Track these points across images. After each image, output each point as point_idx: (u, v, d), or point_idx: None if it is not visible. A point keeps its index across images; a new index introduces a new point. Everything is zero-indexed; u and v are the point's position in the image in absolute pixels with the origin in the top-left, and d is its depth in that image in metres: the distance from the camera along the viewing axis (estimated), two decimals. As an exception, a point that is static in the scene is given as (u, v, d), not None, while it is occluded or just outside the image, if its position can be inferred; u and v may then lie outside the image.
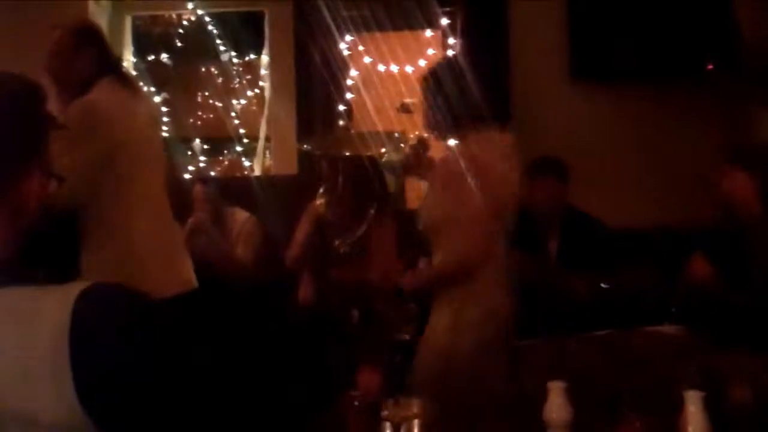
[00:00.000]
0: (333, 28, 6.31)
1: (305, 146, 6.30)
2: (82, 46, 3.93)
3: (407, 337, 3.92)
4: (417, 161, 4.16)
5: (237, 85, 7.62)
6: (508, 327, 3.69)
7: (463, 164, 3.62)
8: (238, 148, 7.43)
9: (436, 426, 3.02)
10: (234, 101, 7.61)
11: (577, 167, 5.32)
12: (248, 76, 7.67)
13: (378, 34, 6.59)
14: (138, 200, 3.91)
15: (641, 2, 6.14)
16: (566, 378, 2.85)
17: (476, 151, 3.65)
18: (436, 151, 4.17)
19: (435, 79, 3.84)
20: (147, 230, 3.91)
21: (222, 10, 7.09)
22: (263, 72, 7.22)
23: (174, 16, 7.68)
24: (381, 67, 6.41)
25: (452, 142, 3.80)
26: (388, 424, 2.86)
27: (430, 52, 6.59)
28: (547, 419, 2.83)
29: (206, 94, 7.97)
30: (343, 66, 6.60)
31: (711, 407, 2.63)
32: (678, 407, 2.65)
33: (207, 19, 7.15)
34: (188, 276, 4.17)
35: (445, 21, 6.56)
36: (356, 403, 3.02)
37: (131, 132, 3.90)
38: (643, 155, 6.33)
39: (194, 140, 7.61)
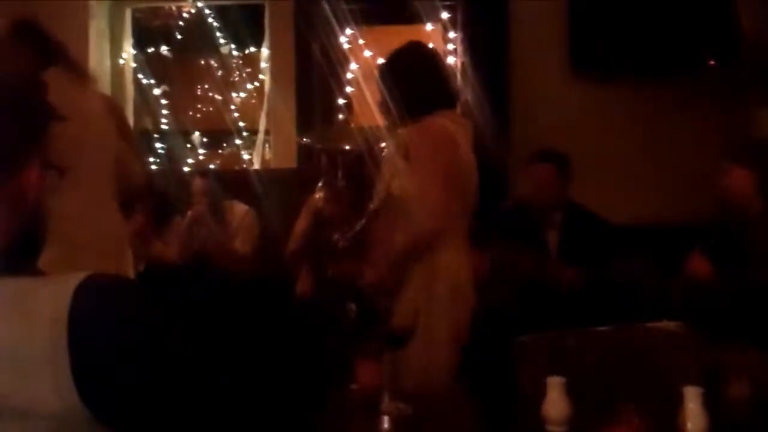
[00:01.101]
0: (333, 21, 6.31)
1: (305, 140, 6.30)
2: (14, 40, 3.92)
3: None
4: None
5: (237, 78, 7.60)
6: (471, 312, 3.67)
7: (425, 137, 3.60)
8: (238, 141, 7.41)
9: (429, 418, 3.02)
10: (234, 94, 7.58)
11: (577, 163, 5.32)
12: (248, 69, 7.65)
13: (378, 28, 6.58)
14: (79, 195, 3.87)
15: (642, -1, 6.15)
16: (565, 373, 2.85)
17: (440, 124, 3.62)
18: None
19: (389, 68, 3.82)
20: (86, 225, 3.87)
21: (222, 2, 7.09)
22: (263, 65, 7.21)
23: (174, 8, 7.66)
24: (381, 61, 6.40)
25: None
26: (386, 418, 2.86)
27: (431, 45, 6.59)
28: (546, 415, 2.82)
29: (206, 86, 7.94)
30: (343, 59, 6.60)
31: (710, 403, 2.63)
32: (677, 403, 2.65)
33: (207, 11, 7.14)
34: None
35: (445, 15, 6.55)
36: (354, 397, 3.02)
37: (75, 121, 3.85)
38: (643, 151, 6.33)
39: (194, 133, 7.60)
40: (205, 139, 7.67)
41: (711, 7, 6.03)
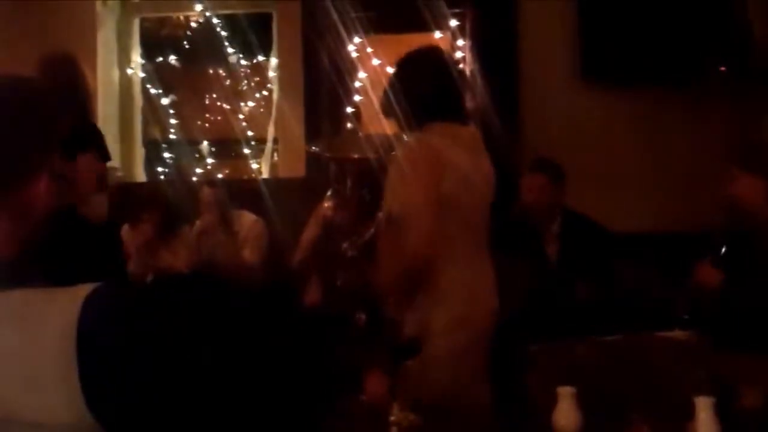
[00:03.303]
0: (341, 29, 6.30)
1: (313, 148, 6.29)
2: None
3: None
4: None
5: (245, 87, 7.62)
6: (484, 333, 3.60)
7: (409, 158, 3.49)
8: (246, 151, 7.43)
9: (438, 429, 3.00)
10: (242, 103, 7.61)
11: (585, 169, 5.32)
12: (256, 78, 7.67)
13: (386, 36, 6.58)
14: None
15: (652, 4, 6.12)
16: (575, 383, 2.84)
17: (426, 143, 3.50)
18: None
19: (402, 70, 3.76)
20: None
21: (230, 11, 7.10)
22: (271, 74, 7.21)
23: (182, 17, 7.69)
24: (390, 69, 6.39)
25: (412, 133, 3.70)
26: (394, 429, 2.85)
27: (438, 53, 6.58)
28: (556, 425, 2.81)
29: (214, 96, 7.97)
30: (351, 68, 6.60)
31: (722, 413, 2.61)
32: (688, 413, 2.63)
33: (215, 20, 7.16)
34: None
35: (454, 23, 6.54)
36: (362, 408, 3.01)
37: None
38: (652, 158, 6.31)
39: (202, 142, 7.61)
40: (213, 149, 7.69)
41: (721, 14, 6.02)
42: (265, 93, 7.53)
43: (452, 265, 3.47)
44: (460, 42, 6.57)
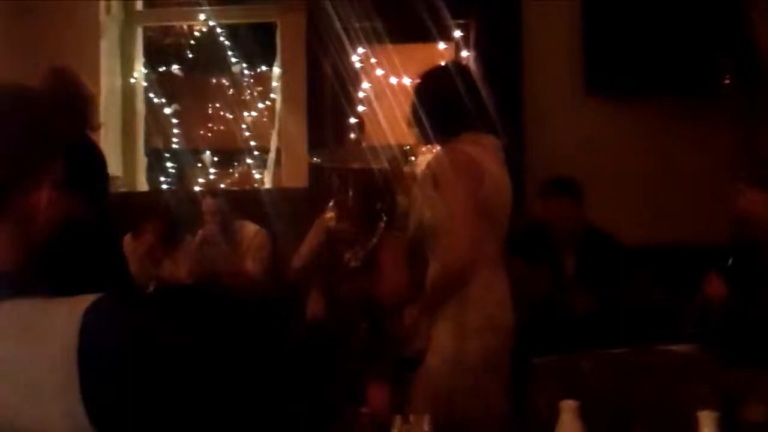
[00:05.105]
0: (345, 40, 6.30)
1: (316, 159, 6.29)
2: None
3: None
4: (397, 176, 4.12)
5: (248, 97, 7.61)
6: (509, 337, 3.63)
7: (449, 165, 3.55)
8: (249, 161, 7.42)
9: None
10: (245, 113, 7.59)
11: (591, 183, 5.30)
12: (259, 88, 7.66)
13: (390, 47, 6.57)
14: None
15: (657, 17, 6.11)
16: (579, 396, 2.82)
17: (464, 151, 3.58)
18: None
19: (423, 86, 3.79)
20: None
21: (233, 21, 7.11)
22: (274, 84, 7.21)
23: (185, 27, 7.69)
24: (393, 80, 6.39)
25: (439, 146, 3.75)
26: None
27: (450, 66, 6.58)
28: (559, 439, 2.79)
29: (217, 105, 7.96)
30: (354, 78, 6.59)
31: (726, 428, 2.59)
32: (692, 427, 2.62)
33: (218, 30, 7.16)
34: None
35: (458, 33, 6.54)
36: (365, 420, 2.99)
37: None
38: (657, 170, 6.30)
39: (205, 152, 7.61)
40: (216, 158, 7.69)
41: (726, 25, 6.01)
42: (268, 103, 7.52)
43: (482, 269, 3.51)
44: (464, 53, 6.56)
